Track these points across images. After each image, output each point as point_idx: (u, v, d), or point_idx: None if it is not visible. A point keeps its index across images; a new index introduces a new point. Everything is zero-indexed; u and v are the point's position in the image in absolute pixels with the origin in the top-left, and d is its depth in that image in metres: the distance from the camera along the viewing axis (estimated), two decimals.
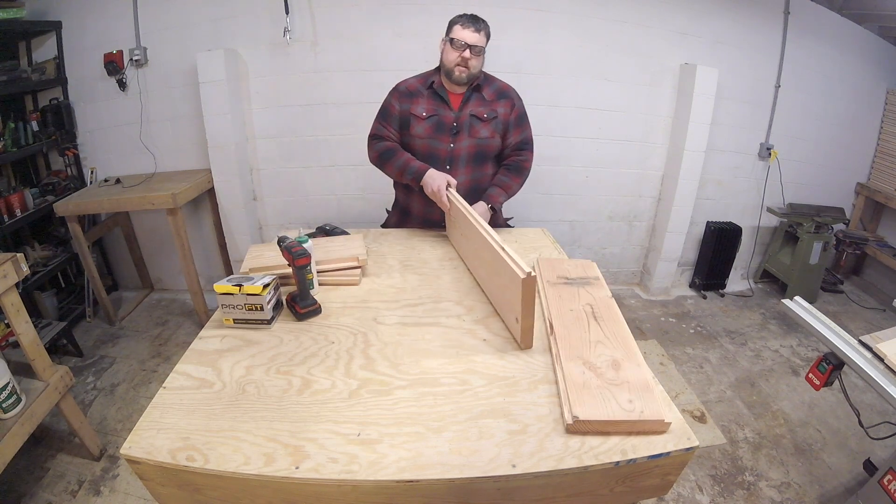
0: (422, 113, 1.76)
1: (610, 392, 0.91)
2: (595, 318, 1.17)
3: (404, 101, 1.79)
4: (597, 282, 1.36)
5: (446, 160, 1.78)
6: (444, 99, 1.76)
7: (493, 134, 1.78)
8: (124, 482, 1.81)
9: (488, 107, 1.77)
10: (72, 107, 2.83)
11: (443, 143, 1.77)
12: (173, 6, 2.66)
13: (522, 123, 1.84)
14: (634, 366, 0.99)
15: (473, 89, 1.76)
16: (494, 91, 1.80)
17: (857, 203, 3.50)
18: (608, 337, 1.09)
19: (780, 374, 2.50)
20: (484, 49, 1.70)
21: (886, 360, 1.33)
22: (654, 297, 3.31)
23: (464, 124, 1.76)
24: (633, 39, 2.82)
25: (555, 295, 1.28)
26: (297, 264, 1.21)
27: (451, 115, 1.75)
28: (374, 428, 0.89)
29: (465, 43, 1.65)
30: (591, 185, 3.13)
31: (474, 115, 1.75)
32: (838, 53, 3.07)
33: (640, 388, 0.92)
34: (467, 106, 1.76)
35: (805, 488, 1.83)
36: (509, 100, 1.81)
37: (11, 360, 1.68)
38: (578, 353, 1.03)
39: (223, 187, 2.87)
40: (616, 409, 0.87)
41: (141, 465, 0.84)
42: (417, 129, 1.77)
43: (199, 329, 1.42)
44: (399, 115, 1.80)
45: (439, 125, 1.76)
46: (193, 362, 1.08)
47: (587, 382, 0.93)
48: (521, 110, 1.84)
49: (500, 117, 1.79)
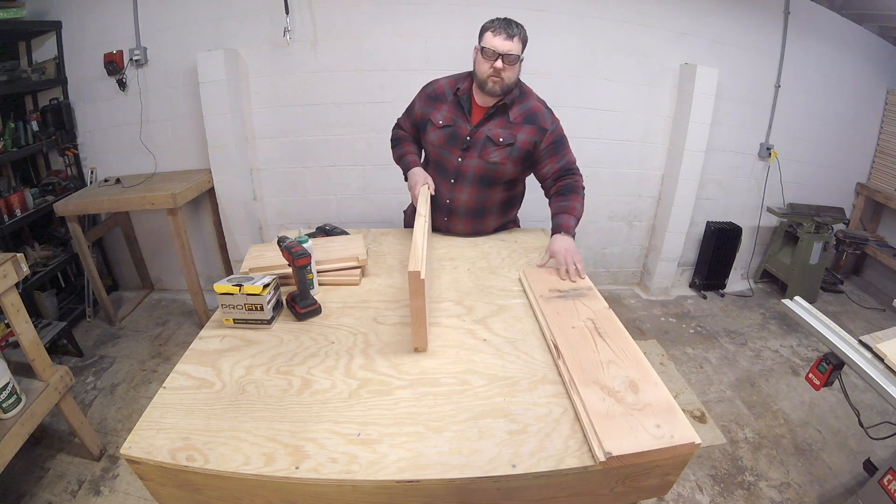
0: (439, 121, 1.68)
1: (635, 419, 0.86)
2: (600, 335, 1.12)
3: (427, 104, 1.72)
4: (591, 292, 1.32)
5: (453, 174, 1.70)
6: (465, 110, 1.65)
7: (504, 161, 1.64)
8: (124, 482, 1.81)
9: (508, 130, 1.62)
10: (72, 107, 2.83)
11: (452, 155, 1.68)
12: (173, 6, 2.66)
13: (559, 151, 1.66)
14: (652, 385, 0.95)
15: (500, 107, 1.62)
16: (523, 113, 1.62)
17: (857, 203, 3.50)
18: (618, 355, 1.04)
19: (780, 374, 2.50)
20: (520, 58, 1.54)
21: (886, 360, 1.33)
22: (654, 297, 3.31)
23: (477, 142, 1.64)
24: (634, 39, 2.82)
25: (552, 311, 1.22)
26: (297, 264, 1.21)
27: (468, 128, 1.64)
28: (374, 428, 0.89)
29: (497, 52, 1.48)
30: (591, 185, 3.07)
31: (490, 137, 1.62)
32: (838, 53, 3.07)
33: (665, 410, 0.89)
34: (487, 124, 1.63)
35: (805, 488, 1.83)
36: (536, 126, 1.62)
37: (11, 360, 1.68)
38: (592, 376, 0.98)
39: (223, 187, 2.87)
40: (646, 437, 0.83)
41: (141, 465, 0.84)
42: (431, 136, 1.71)
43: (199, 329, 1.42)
44: (420, 116, 1.75)
45: (453, 137, 1.66)
46: (193, 362, 1.08)
47: (610, 411, 0.88)
48: (557, 137, 1.65)
49: (519, 144, 1.63)
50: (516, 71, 1.56)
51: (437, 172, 1.74)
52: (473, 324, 1.24)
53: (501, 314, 1.28)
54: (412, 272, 1.02)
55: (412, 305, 1.06)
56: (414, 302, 1.05)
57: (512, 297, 1.37)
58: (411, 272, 1.02)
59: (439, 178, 1.74)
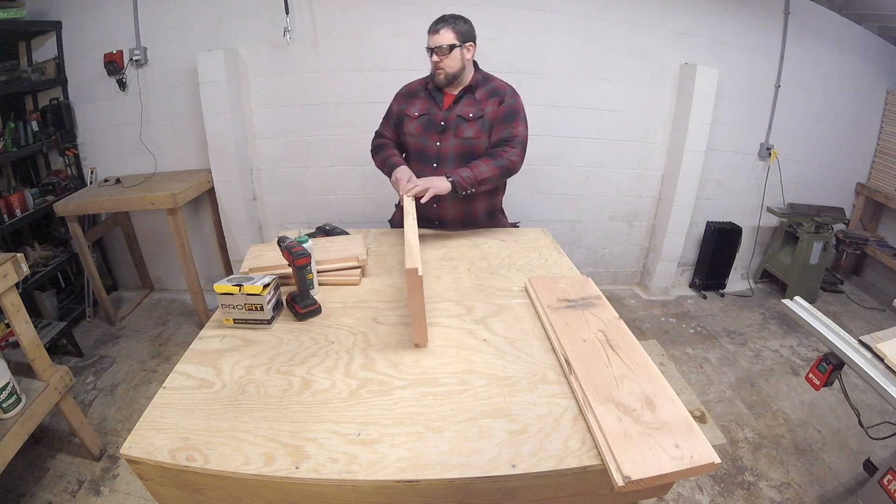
0: (414, 113, 1.82)
1: (654, 439, 0.83)
2: (612, 348, 1.08)
3: (402, 102, 1.88)
4: (600, 301, 1.29)
5: (434, 158, 1.81)
6: (437, 99, 1.81)
7: (478, 134, 1.76)
8: (124, 482, 1.81)
9: (476, 106, 1.78)
10: (72, 107, 2.83)
11: (431, 140, 1.80)
12: (173, 6, 2.66)
13: (510, 120, 1.76)
14: (668, 401, 0.92)
15: (466, 90, 1.78)
16: (487, 91, 1.79)
17: (857, 203, 3.50)
18: (632, 369, 1.01)
19: (780, 374, 2.50)
20: (454, 46, 1.68)
21: (886, 360, 1.33)
22: (654, 297, 3.31)
23: (451, 123, 1.78)
24: (634, 39, 2.82)
25: (561, 323, 1.19)
26: (297, 264, 1.21)
27: (441, 113, 1.79)
28: (374, 428, 0.89)
29: (430, 48, 1.70)
30: (591, 185, 3.13)
31: (461, 115, 1.78)
32: (838, 53, 3.07)
33: (683, 428, 0.86)
34: (457, 106, 1.79)
35: (805, 488, 1.83)
36: (499, 99, 1.77)
37: (11, 360, 1.68)
38: (607, 393, 0.94)
39: (223, 187, 2.87)
40: (665, 459, 0.80)
41: (141, 465, 0.84)
42: (409, 126, 1.83)
43: (199, 329, 1.42)
44: (397, 114, 1.88)
45: (429, 123, 1.80)
46: (193, 362, 1.08)
47: (627, 431, 0.85)
48: (511, 107, 1.76)
49: (487, 116, 1.77)
50: (455, 58, 1.71)
51: (419, 162, 1.83)
52: (473, 324, 1.24)
53: (501, 314, 1.28)
54: (410, 269, 1.03)
55: (411, 302, 1.07)
56: (413, 298, 1.06)
57: (512, 297, 1.37)
58: (409, 269, 1.03)
59: (422, 167, 1.81)
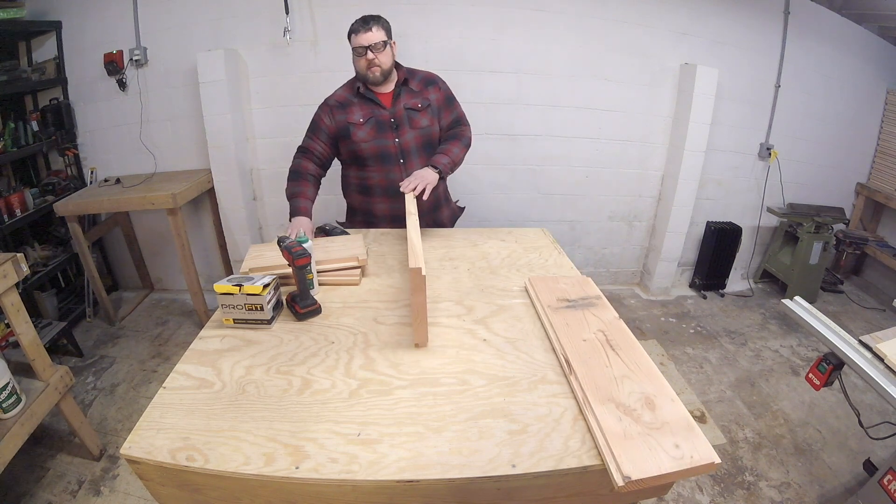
0: (359, 119, 1.78)
1: (654, 439, 0.84)
2: (612, 348, 1.09)
3: (338, 113, 1.80)
4: (600, 301, 1.29)
5: (398, 155, 1.81)
6: (375, 101, 1.80)
7: (431, 121, 1.85)
8: (124, 482, 1.81)
9: (420, 96, 1.83)
10: (72, 107, 2.83)
11: (388, 139, 1.80)
12: (173, 6, 2.66)
13: (451, 104, 1.90)
14: (669, 401, 0.92)
15: (402, 84, 1.81)
16: (420, 81, 1.86)
17: (857, 203, 3.50)
18: (632, 370, 1.02)
19: (780, 374, 2.50)
20: (387, 42, 1.72)
21: (886, 360, 1.33)
22: (654, 297, 3.31)
23: (402, 118, 1.80)
24: (633, 39, 2.82)
25: (561, 323, 1.19)
26: (297, 264, 1.21)
27: (387, 112, 1.79)
28: (374, 428, 0.89)
29: (364, 46, 1.70)
30: (591, 185, 3.13)
31: (410, 107, 1.80)
32: (838, 53, 3.07)
33: (683, 428, 0.86)
34: (400, 100, 1.80)
35: (805, 488, 1.83)
36: (436, 86, 1.87)
37: (11, 360, 1.68)
38: (607, 393, 0.95)
39: (223, 187, 2.87)
40: (665, 459, 0.80)
41: (141, 465, 0.84)
42: (359, 133, 1.78)
43: (199, 329, 1.42)
44: (335, 127, 1.81)
45: (379, 124, 1.79)
46: (193, 362, 1.08)
47: (627, 431, 0.86)
48: (447, 92, 1.90)
49: (433, 103, 1.86)
50: (389, 55, 1.75)
51: (380, 164, 1.82)
52: (473, 324, 1.24)
53: (501, 314, 1.28)
54: (414, 269, 1.03)
55: (413, 301, 1.06)
56: (416, 298, 1.06)
57: (512, 297, 1.37)
58: (413, 269, 1.03)
59: (388, 168, 1.82)
